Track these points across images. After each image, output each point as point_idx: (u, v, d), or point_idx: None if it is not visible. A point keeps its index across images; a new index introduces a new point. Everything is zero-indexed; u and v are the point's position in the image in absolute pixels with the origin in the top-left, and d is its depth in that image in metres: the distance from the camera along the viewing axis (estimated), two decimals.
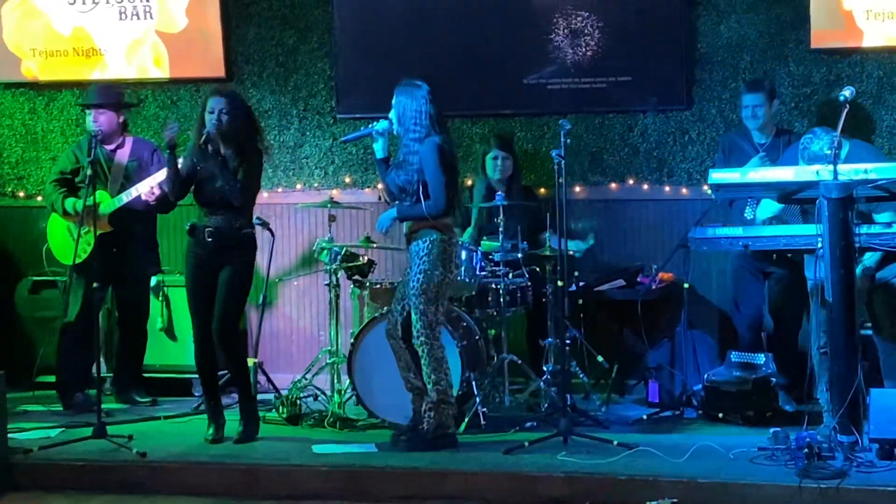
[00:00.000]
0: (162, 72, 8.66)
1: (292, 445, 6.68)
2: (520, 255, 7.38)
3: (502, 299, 7.23)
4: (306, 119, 8.58)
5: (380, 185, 7.62)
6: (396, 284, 6.78)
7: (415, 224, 6.51)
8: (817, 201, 6.03)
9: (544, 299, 7.47)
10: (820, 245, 6.00)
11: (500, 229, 7.25)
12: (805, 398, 6.66)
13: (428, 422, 6.48)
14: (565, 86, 8.15)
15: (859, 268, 6.34)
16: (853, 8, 7.68)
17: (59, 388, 7.78)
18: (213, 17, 8.51)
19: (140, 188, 7.45)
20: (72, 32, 8.72)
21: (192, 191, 6.80)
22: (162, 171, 7.33)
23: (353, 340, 7.13)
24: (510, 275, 7.33)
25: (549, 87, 8.18)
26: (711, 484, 5.76)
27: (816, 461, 5.72)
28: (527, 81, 8.17)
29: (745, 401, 6.92)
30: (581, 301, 7.60)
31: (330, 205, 7.63)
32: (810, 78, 7.88)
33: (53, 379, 7.89)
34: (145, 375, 8.03)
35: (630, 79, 8.08)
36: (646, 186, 8.16)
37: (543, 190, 8.10)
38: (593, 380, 7.64)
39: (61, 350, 7.74)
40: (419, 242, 6.48)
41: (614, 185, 8.21)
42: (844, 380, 5.95)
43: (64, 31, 8.73)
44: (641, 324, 7.27)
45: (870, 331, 6.77)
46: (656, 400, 7.36)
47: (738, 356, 7.13)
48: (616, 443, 6.32)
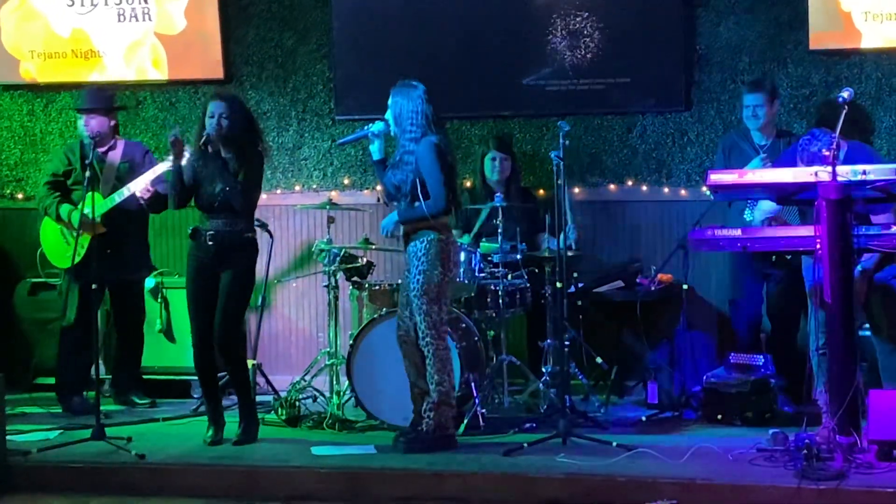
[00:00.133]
0: (160, 73, 8.66)
1: (291, 447, 6.68)
2: (519, 257, 7.39)
3: (501, 300, 7.23)
4: (305, 121, 8.58)
5: (378, 187, 7.61)
6: (399, 289, 6.73)
7: (413, 224, 6.51)
8: (816, 202, 6.03)
9: (543, 300, 7.47)
10: (818, 246, 6.00)
11: (499, 231, 7.25)
12: (804, 399, 6.67)
13: (427, 423, 6.48)
14: (564, 87, 8.16)
15: (857, 269, 6.35)
16: (852, 9, 7.68)
17: (59, 390, 7.77)
18: (212, 18, 8.51)
19: (133, 187, 7.43)
20: (70, 34, 8.72)
21: (195, 196, 6.79)
22: (156, 169, 7.36)
23: (351, 342, 7.13)
24: (509, 276, 7.33)
25: (548, 88, 8.18)
26: (710, 485, 5.76)
27: (815, 462, 5.71)
28: (526, 83, 8.18)
29: (743, 402, 6.93)
30: (580, 302, 7.60)
31: (328, 206, 7.63)
32: (809, 79, 7.89)
33: (52, 381, 7.89)
34: (144, 377, 8.03)
35: (629, 80, 8.09)
36: (644, 188, 8.16)
37: (542, 191, 8.10)
38: (592, 381, 7.64)
39: (61, 352, 7.74)
40: (416, 243, 6.48)
41: (613, 186, 8.21)
42: (843, 381, 5.95)
43: (63, 32, 8.73)
44: (640, 325, 7.27)
45: (868, 332, 6.77)
46: (655, 401, 7.36)
47: (736, 357, 7.14)
48: (615, 444, 6.32)
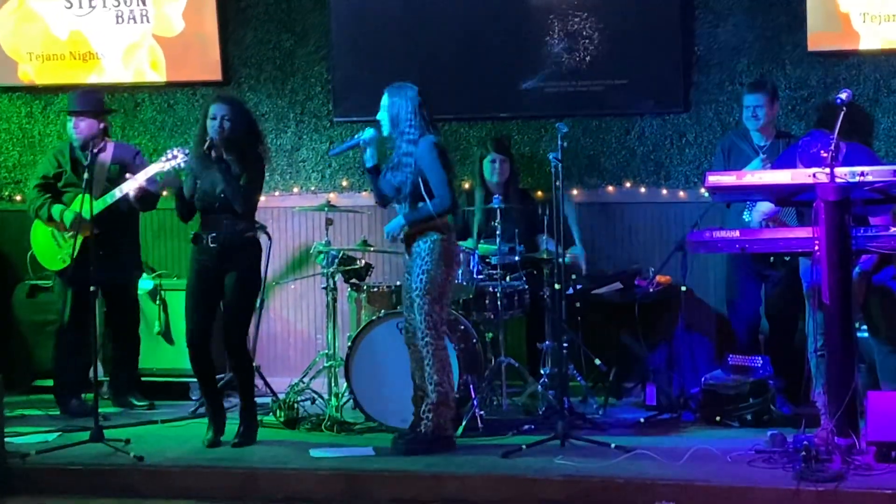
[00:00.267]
0: (159, 75, 8.65)
1: (289, 449, 6.67)
2: (517, 259, 7.39)
3: (500, 302, 7.23)
4: (303, 122, 8.58)
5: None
6: (402, 291, 6.70)
7: (418, 225, 6.50)
8: (814, 204, 6.03)
9: (542, 302, 7.46)
10: (817, 248, 6.00)
11: (498, 233, 7.24)
12: (802, 401, 6.67)
13: (426, 424, 6.47)
14: (562, 89, 8.16)
15: (856, 271, 6.35)
16: (850, 11, 7.68)
17: (57, 393, 7.77)
18: (210, 20, 8.51)
19: (126, 188, 7.41)
20: (69, 36, 8.72)
21: (195, 198, 6.78)
22: (148, 170, 7.37)
23: (350, 344, 7.12)
24: (507, 278, 7.33)
25: (546, 90, 8.18)
26: (709, 487, 5.76)
27: (814, 464, 5.70)
28: (525, 87, 8.17)
29: (742, 403, 6.93)
30: (578, 304, 7.60)
31: (327, 208, 7.63)
32: (807, 81, 7.89)
33: (51, 383, 7.89)
34: (142, 379, 8.02)
35: (627, 82, 8.08)
36: (643, 189, 8.16)
37: (541, 193, 8.09)
38: (591, 383, 7.63)
39: (57, 355, 7.74)
40: (420, 243, 6.47)
41: (611, 188, 8.21)
42: (841, 382, 5.95)
43: (61, 34, 8.72)
44: (639, 326, 7.26)
45: (866, 333, 6.77)
46: (654, 403, 7.36)
47: (735, 359, 7.14)
48: (614, 446, 6.31)
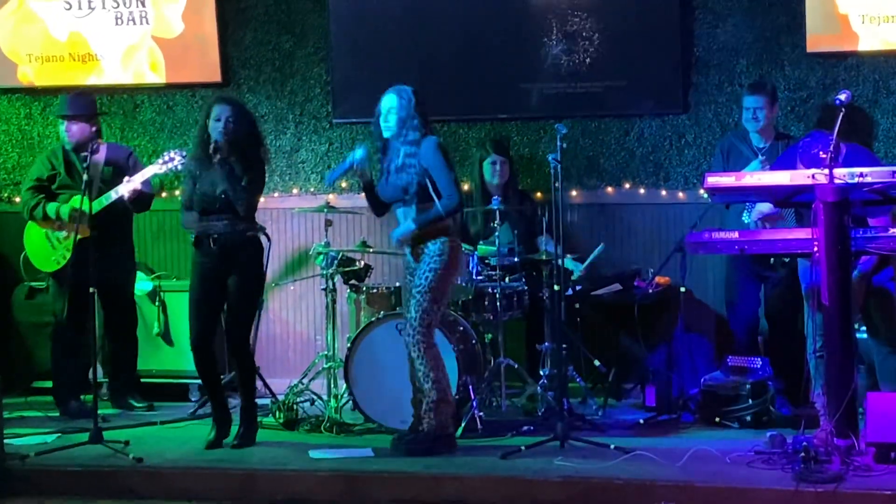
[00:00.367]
0: (158, 77, 8.65)
1: (289, 450, 6.67)
2: (516, 260, 7.39)
3: (499, 303, 7.23)
4: (302, 124, 8.58)
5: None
6: (404, 293, 6.68)
7: (425, 228, 6.47)
8: (813, 205, 6.03)
9: (541, 304, 7.47)
10: (816, 249, 6.00)
11: (497, 234, 7.24)
12: (801, 402, 6.67)
13: (428, 423, 6.47)
14: (561, 90, 8.16)
15: (855, 272, 6.35)
16: (849, 12, 7.69)
17: (56, 394, 7.77)
18: (210, 22, 8.51)
19: (122, 189, 7.40)
20: (68, 38, 8.72)
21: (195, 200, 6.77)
22: (145, 172, 7.37)
23: (349, 345, 7.12)
24: (507, 279, 7.33)
25: (546, 91, 8.18)
26: (708, 488, 5.76)
27: (813, 465, 5.71)
28: (524, 85, 8.18)
29: (741, 404, 6.93)
30: (578, 305, 7.60)
31: (326, 209, 7.63)
32: (806, 82, 7.89)
33: (50, 384, 7.89)
34: (142, 381, 8.02)
35: (626, 83, 8.08)
36: (642, 190, 8.16)
37: (540, 194, 8.10)
38: (590, 384, 7.63)
39: (54, 357, 7.75)
40: (430, 245, 6.45)
41: (611, 189, 8.21)
42: (841, 383, 5.95)
43: (60, 36, 8.72)
44: (638, 328, 7.26)
45: (864, 334, 6.77)
46: (653, 404, 7.36)
47: (734, 360, 7.14)
48: (613, 447, 6.31)
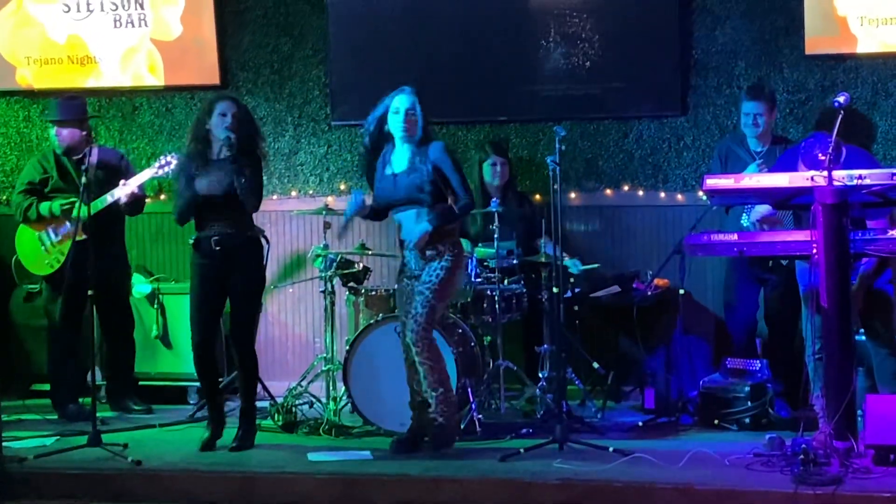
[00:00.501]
0: (157, 79, 8.65)
1: (288, 453, 6.67)
2: (515, 262, 7.38)
3: (498, 306, 7.22)
4: (301, 126, 8.57)
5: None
6: (400, 295, 6.65)
7: (439, 228, 6.48)
8: (812, 207, 6.03)
9: (540, 306, 7.46)
10: (814, 251, 6.00)
11: (496, 236, 7.24)
12: (800, 404, 6.67)
13: (443, 415, 6.47)
14: (560, 92, 8.16)
15: (856, 275, 6.35)
16: (847, 14, 7.69)
17: (54, 397, 7.77)
18: (208, 24, 8.51)
19: (118, 193, 7.38)
20: (66, 40, 8.72)
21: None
22: (141, 175, 7.36)
23: (348, 347, 7.11)
24: (506, 281, 7.33)
25: (544, 93, 8.18)
26: (707, 490, 5.75)
27: (812, 467, 5.71)
28: (523, 87, 8.18)
29: (740, 407, 6.93)
30: (577, 307, 7.60)
31: (325, 212, 7.63)
32: (805, 84, 7.89)
33: (48, 387, 7.88)
34: (141, 383, 8.01)
35: (625, 85, 8.08)
36: (641, 193, 8.16)
37: (539, 196, 8.10)
38: (589, 386, 7.63)
39: (51, 360, 7.75)
40: (440, 246, 6.46)
41: (609, 191, 8.21)
42: (840, 386, 5.95)
43: (59, 39, 8.72)
44: (637, 330, 7.26)
45: (863, 336, 6.77)
46: (652, 406, 7.36)
47: (733, 362, 7.14)
48: (612, 449, 6.31)
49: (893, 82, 7.78)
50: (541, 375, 7.36)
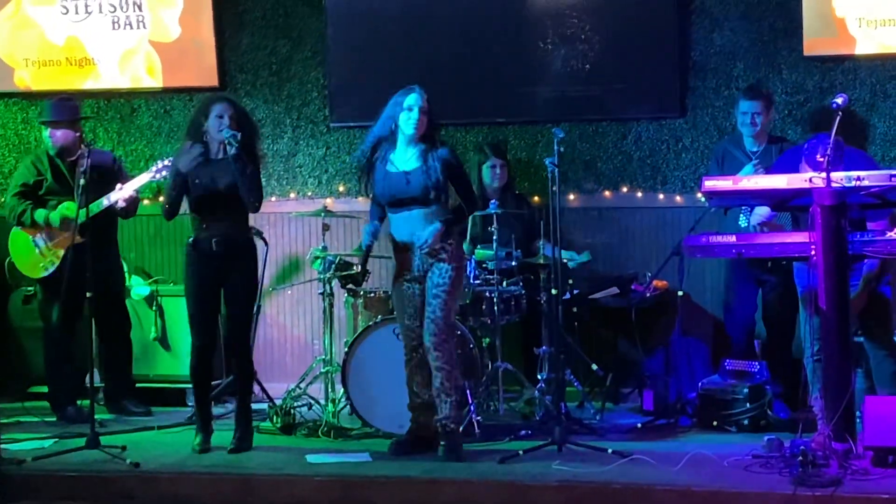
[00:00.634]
0: (155, 81, 8.65)
1: (286, 455, 6.67)
2: (514, 264, 7.38)
3: (496, 307, 7.22)
4: (300, 128, 8.57)
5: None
6: (407, 299, 6.58)
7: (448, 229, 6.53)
8: (810, 209, 6.02)
9: (539, 307, 7.46)
10: (813, 252, 6.00)
11: (494, 238, 7.23)
12: (799, 405, 6.66)
13: (456, 421, 6.47)
14: (559, 94, 8.15)
15: (860, 276, 6.35)
16: (846, 15, 7.69)
17: (52, 399, 7.76)
18: (207, 26, 8.51)
19: (114, 197, 7.37)
20: (65, 42, 8.71)
21: (191, 201, 6.73)
22: (138, 179, 7.35)
23: (347, 349, 7.11)
24: (504, 283, 7.33)
25: (543, 95, 8.17)
26: (706, 492, 5.76)
27: (811, 469, 5.71)
28: (522, 89, 8.18)
29: (739, 408, 6.93)
30: (575, 309, 7.60)
31: (323, 214, 7.63)
32: (803, 85, 7.89)
33: (46, 389, 7.87)
34: (139, 386, 8.00)
35: (624, 87, 8.08)
36: (640, 194, 8.16)
37: (537, 198, 8.10)
38: (588, 388, 7.63)
39: (48, 363, 7.74)
40: (447, 246, 6.46)
41: (608, 192, 8.21)
42: (838, 387, 5.94)
43: (57, 40, 8.72)
44: (636, 331, 7.26)
45: (861, 338, 6.76)
46: (651, 408, 7.36)
47: (732, 364, 7.14)
48: (611, 451, 6.31)
49: (892, 83, 7.78)
50: (539, 377, 7.35)
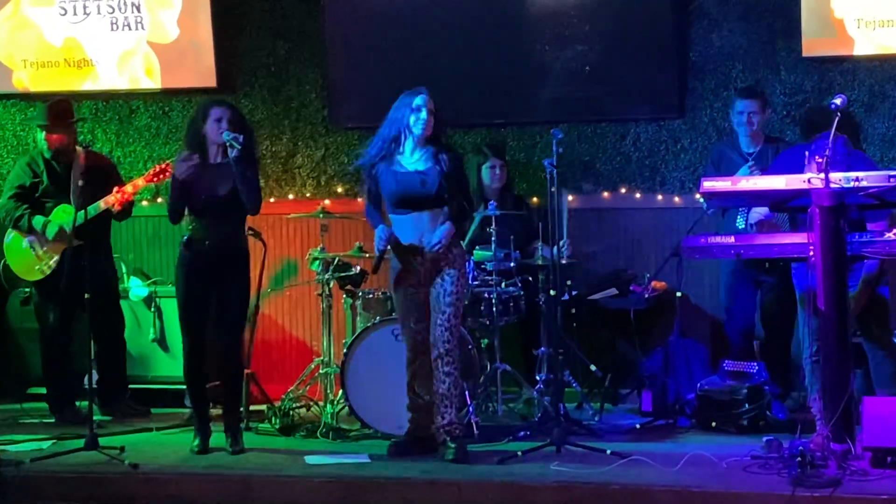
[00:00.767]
0: (153, 82, 8.65)
1: (285, 456, 6.67)
2: (512, 265, 7.38)
3: (495, 308, 7.22)
4: (298, 129, 8.57)
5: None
6: (411, 301, 6.55)
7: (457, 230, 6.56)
8: (809, 209, 6.02)
9: (537, 308, 7.46)
10: (811, 253, 6.00)
11: (493, 239, 7.23)
12: (798, 406, 6.66)
13: (459, 426, 6.46)
14: (557, 95, 8.15)
15: (859, 277, 6.35)
16: (844, 16, 7.69)
17: (50, 401, 7.76)
18: (205, 27, 8.51)
19: (112, 200, 7.36)
20: (63, 43, 8.72)
21: (190, 204, 6.71)
22: (137, 183, 7.35)
23: (345, 350, 7.11)
24: (503, 284, 7.33)
25: (542, 96, 8.18)
26: (705, 493, 5.75)
27: (810, 469, 5.71)
28: (520, 90, 8.17)
29: (738, 409, 6.92)
30: (574, 310, 7.60)
31: (322, 215, 7.62)
32: (802, 86, 7.89)
33: (44, 391, 7.87)
34: (138, 387, 7.99)
35: (622, 88, 8.08)
36: (638, 195, 8.17)
37: (536, 199, 8.10)
38: (586, 389, 7.62)
39: (45, 364, 7.74)
40: (454, 250, 6.48)
41: (607, 193, 8.21)
42: (837, 388, 5.94)
43: (55, 41, 8.72)
44: (634, 332, 7.26)
45: (859, 339, 6.76)
46: (649, 409, 7.35)
47: (731, 365, 7.13)
48: (609, 452, 6.31)
49: (890, 84, 7.79)
50: (538, 378, 7.34)
